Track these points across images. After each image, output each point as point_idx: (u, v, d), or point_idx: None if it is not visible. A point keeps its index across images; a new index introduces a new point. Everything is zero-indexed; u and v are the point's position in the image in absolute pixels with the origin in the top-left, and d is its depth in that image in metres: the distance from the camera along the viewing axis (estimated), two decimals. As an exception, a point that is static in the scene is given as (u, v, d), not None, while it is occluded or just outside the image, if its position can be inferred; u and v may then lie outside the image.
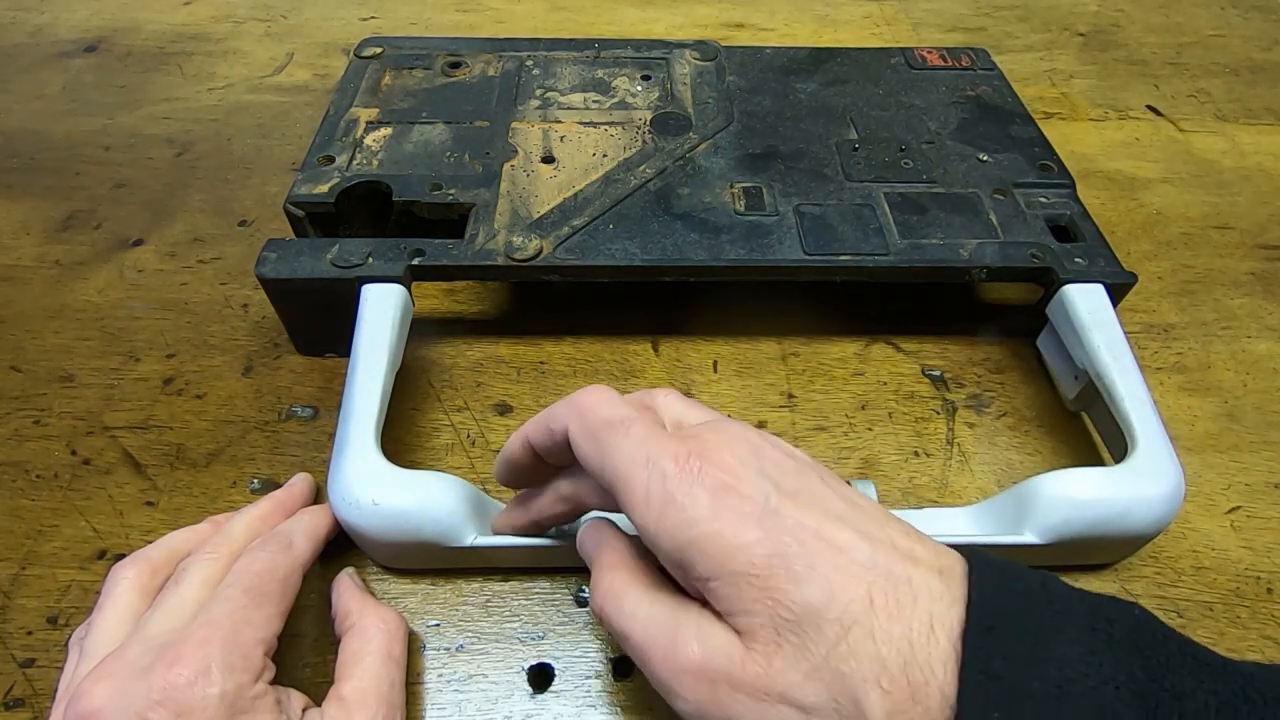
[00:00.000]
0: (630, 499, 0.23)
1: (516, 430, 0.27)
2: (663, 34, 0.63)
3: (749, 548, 0.21)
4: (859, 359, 0.40)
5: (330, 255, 0.36)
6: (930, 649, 0.20)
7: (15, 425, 0.37)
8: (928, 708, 0.19)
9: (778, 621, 0.21)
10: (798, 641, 0.20)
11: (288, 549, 0.28)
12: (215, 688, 0.23)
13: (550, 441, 0.26)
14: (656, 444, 0.23)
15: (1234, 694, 0.19)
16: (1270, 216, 0.49)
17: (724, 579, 0.21)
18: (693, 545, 0.22)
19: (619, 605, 0.24)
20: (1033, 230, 0.39)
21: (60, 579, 0.32)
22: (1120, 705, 0.18)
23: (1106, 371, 0.33)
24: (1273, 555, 0.34)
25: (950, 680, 0.19)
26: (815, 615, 0.20)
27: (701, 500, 0.22)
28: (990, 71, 0.49)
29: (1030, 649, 0.19)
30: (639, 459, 0.23)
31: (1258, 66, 0.62)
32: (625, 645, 0.24)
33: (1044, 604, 0.20)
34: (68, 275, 0.43)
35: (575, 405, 0.25)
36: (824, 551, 0.21)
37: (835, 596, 0.20)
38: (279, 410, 0.37)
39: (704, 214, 0.39)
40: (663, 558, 0.23)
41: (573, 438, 0.25)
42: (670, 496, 0.22)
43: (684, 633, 0.22)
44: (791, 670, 0.20)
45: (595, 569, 0.25)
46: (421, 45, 0.49)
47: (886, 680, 0.19)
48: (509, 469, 0.28)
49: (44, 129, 0.53)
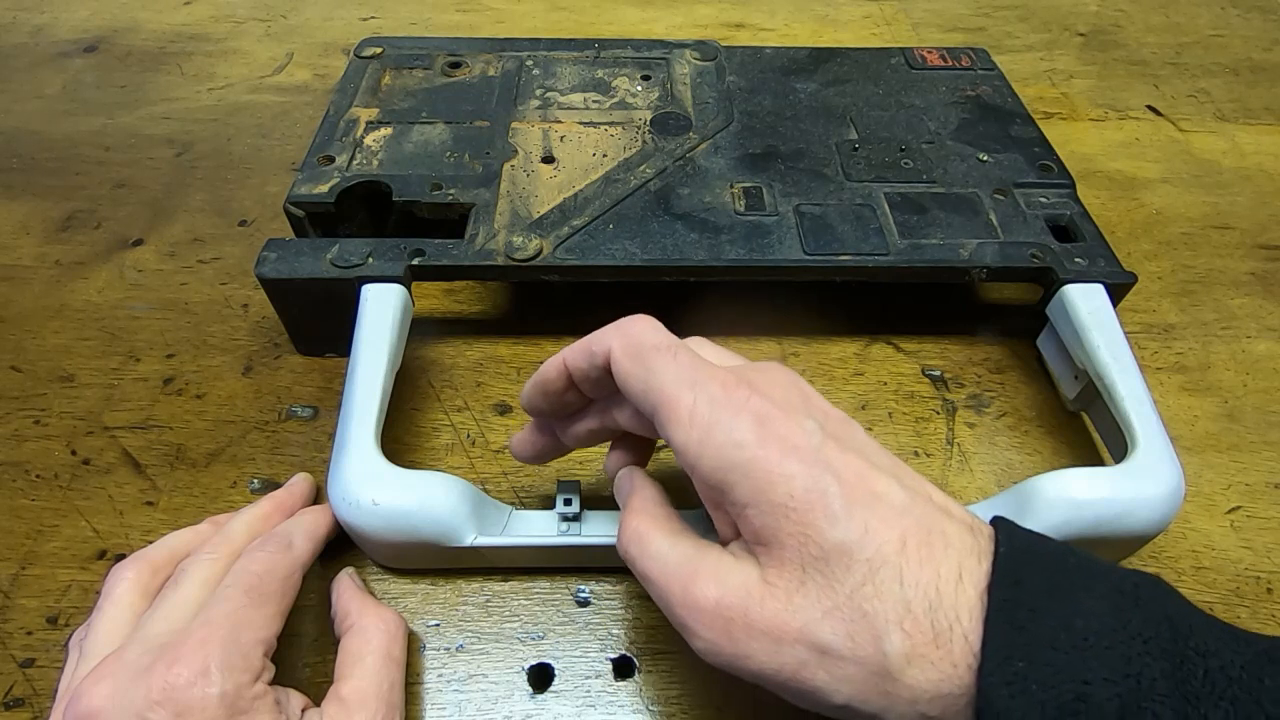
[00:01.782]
0: (674, 418, 0.23)
1: (552, 356, 0.27)
2: (663, 34, 0.63)
3: (790, 479, 0.21)
4: (859, 359, 0.40)
5: (330, 255, 0.36)
6: (958, 596, 0.20)
7: (15, 425, 0.37)
8: (950, 652, 0.19)
9: (806, 557, 0.21)
10: (822, 580, 0.21)
11: (288, 549, 0.28)
12: (215, 688, 0.23)
13: (589, 365, 0.26)
14: (704, 369, 0.24)
15: (1258, 654, 0.19)
16: (1270, 216, 0.49)
17: (760, 507, 0.21)
18: (735, 469, 0.22)
19: (643, 546, 0.24)
20: (1033, 230, 0.39)
21: (60, 579, 0.32)
22: (1148, 659, 0.18)
23: (1106, 371, 0.33)
24: (1273, 555, 0.34)
25: (975, 628, 0.19)
26: (845, 554, 0.20)
27: (747, 426, 0.22)
28: (990, 71, 0.49)
29: (1057, 604, 0.19)
30: (685, 380, 0.23)
31: (1258, 66, 0.62)
32: (647, 585, 0.24)
33: (1072, 566, 0.21)
34: (68, 275, 0.43)
35: (621, 329, 0.25)
36: (862, 494, 0.21)
37: (868, 537, 0.21)
38: (279, 410, 0.37)
39: (704, 214, 0.39)
40: (700, 480, 0.23)
41: (615, 360, 0.25)
42: (716, 419, 0.22)
43: (703, 572, 0.22)
44: (812, 607, 0.20)
45: (624, 513, 0.25)
46: (421, 45, 0.49)
47: (910, 623, 0.20)
48: (540, 393, 0.28)
49: (44, 129, 0.53)
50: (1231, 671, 0.18)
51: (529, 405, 0.29)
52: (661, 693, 0.29)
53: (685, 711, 0.29)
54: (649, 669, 0.30)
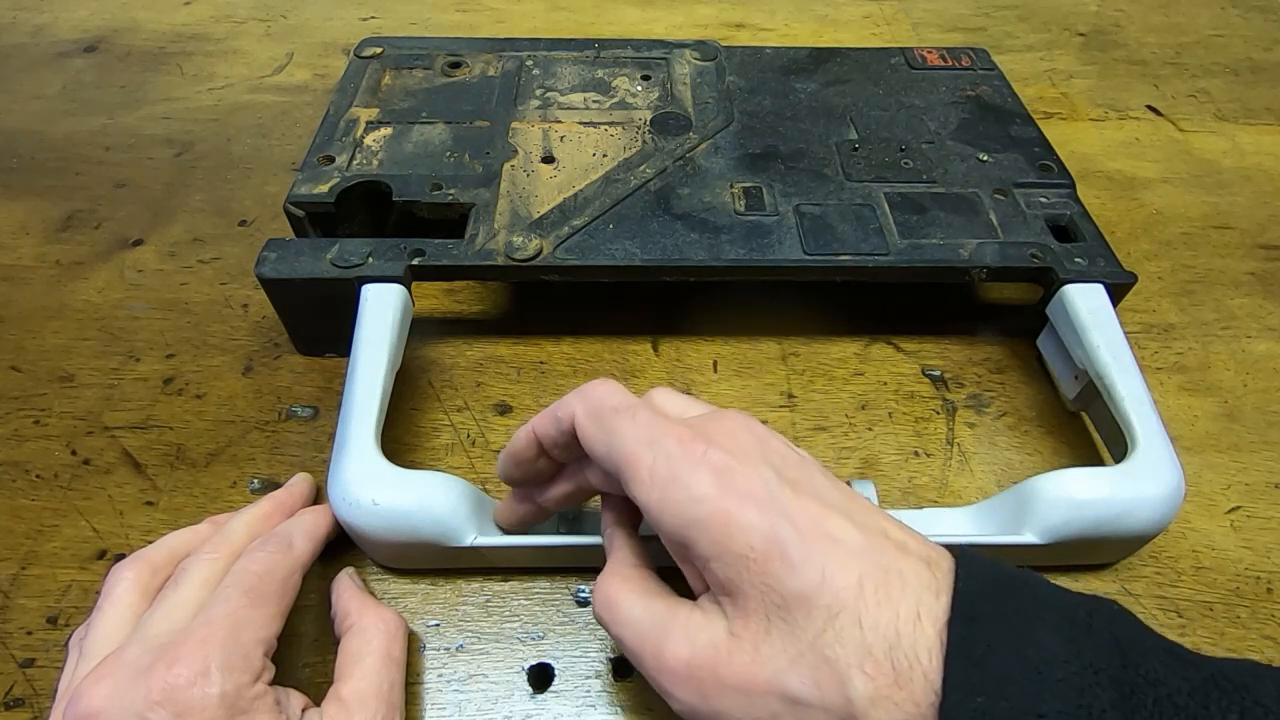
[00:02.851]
0: (635, 478, 0.23)
1: (522, 426, 0.28)
2: (663, 34, 0.63)
3: (748, 530, 0.21)
4: (859, 359, 0.40)
5: (330, 255, 0.36)
6: (916, 636, 0.20)
7: (15, 425, 0.37)
8: (912, 692, 0.20)
9: (769, 606, 0.21)
10: (786, 628, 0.21)
11: (287, 549, 0.28)
12: (215, 688, 0.23)
13: (556, 431, 0.26)
14: (661, 427, 0.24)
15: (1204, 680, 0.19)
16: (1270, 216, 0.49)
17: (723, 559, 0.22)
18: (695, 524, 0.22)
19: (614, 611, 0.24)
20: (1033, 230, 0.39)
21: (60, 579, 0.32)
22: (1098, 689, 0.19)
23: (1106, 371, 0.33)
24: (1273, 555, 0.34)
25: (935, 667, 0.20)
26: (805, 601, 0.21)
27: (705, 480, 0.22)
28: (990, 71, 0.49)
29: (1012, 637, 0.20)
30: (644, 440, 0.24)
31: (1258, 66, 0.62)
32: (622, 648, 0.24)
33: (1026, 596, 0.21)
34: (68, 275, 0.43)
35: (582, 394, 0.26)
36: (819, 539, 0.21)
37: (827, 583, 0.21)
38: (279, 410, 0.37)
39: (704, 214, 0.39)
40: (665, 537, 0.23)
41: (579, 424, 0.25)
42: (674, 475, 0.23)
43: (673, 633, 0.23)
44: (779, 656, 0.21)
45: (599, 577, 0.26)
46: (421, 45, 0.49)
47: (871, 666, 0.20)
48: (514, 463, 0.28)
49: (44, 129, 0.53)
50: (1179, 699, 0.19)
51: (504, 476, 0.29)
52: (661, 693, 0.29)
53: (685, 711, 0.29)
54: (649, 669, 0.30)
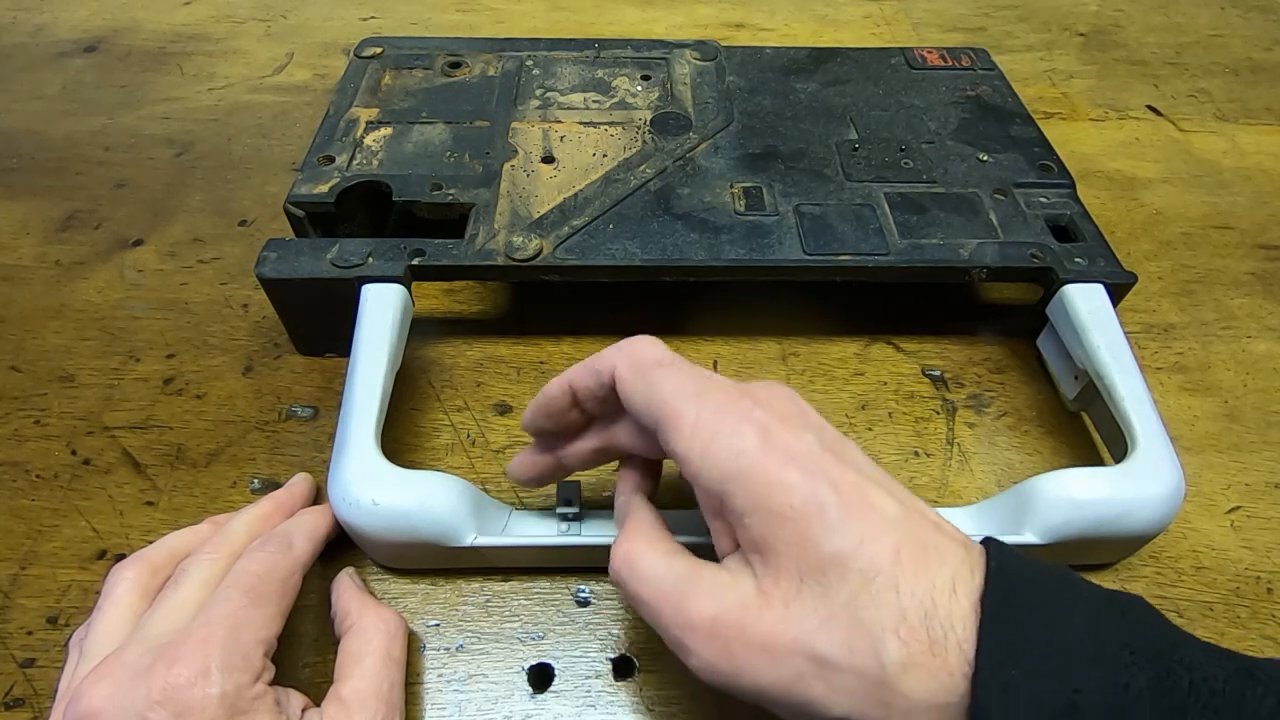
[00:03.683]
0: (676, 430, 0.23)
1: (556, 376, 0.27)
2: (663, 34, 0.63)
3: (789, 489, 0.21)
4: (859, 359, 0.40)
5: (330, 255, 0.36)
6: (952, 606, 0.20)
7: (15, 425, 0.37)
8: (945, 660, 0.19)
9: (803, 567, 0.21)
10: (819, 589, 0.21)
11: (288, 549, 0.28)
12: (215, 688, 0.23)
13: (595, 383, 0.26)
14: (707, 381, 0.24)
15: (1239, 670, 0.19)
16: (1270, 216, 0.49)
17: (759, 515, 0.22)
18: (736, 477, 0.22)
19: (633, 568, 0.24)
20: (1033, 230, 0.39)
21: (60, 579, 0.32)
22: (1134, 669, 0.19)
23: (1106, 371, 0.33)
24: (1273, 555, 0.34)
25: (969, 637, 0.20)
26: (841, 564, 0.21)
27: (749, 436, 0.22)
28: (990, 71, 0.49)
29: (1047, 614, 0.20)
30: (688, 392, 0.24)
31: (1258, 66, 0.62)
32: (639, 607, 0.24)
33: (1059, 581, 0.21)
34: (68, 275, 0.43)
35: (624, 348, 0.26)
36: (859, 506, 0.22)
37: (864, 547, 0.21)
38: (279, 410, 0.37)
39: (704, 214, 0.39)
40: (701, 490, 0.23)
41: (620, 376, 0.25)
42: (718, 429, 0.23)
43: (697, 590, 0.22)
44: (809, 616, 0.21)
45: (617, 538, 0.25)
46: (421, 45, 0.49)
47: (905, 631, 0.20)
48: (544, 413, 0.28)
49: (44, 129, 0.53)
50: (1215, 684, 0.19)
51: (531, 425, 0.29)
52: (661, 693, 0.29)
53: (685, 712, 0.29)
54: (649, 669, 0.30)
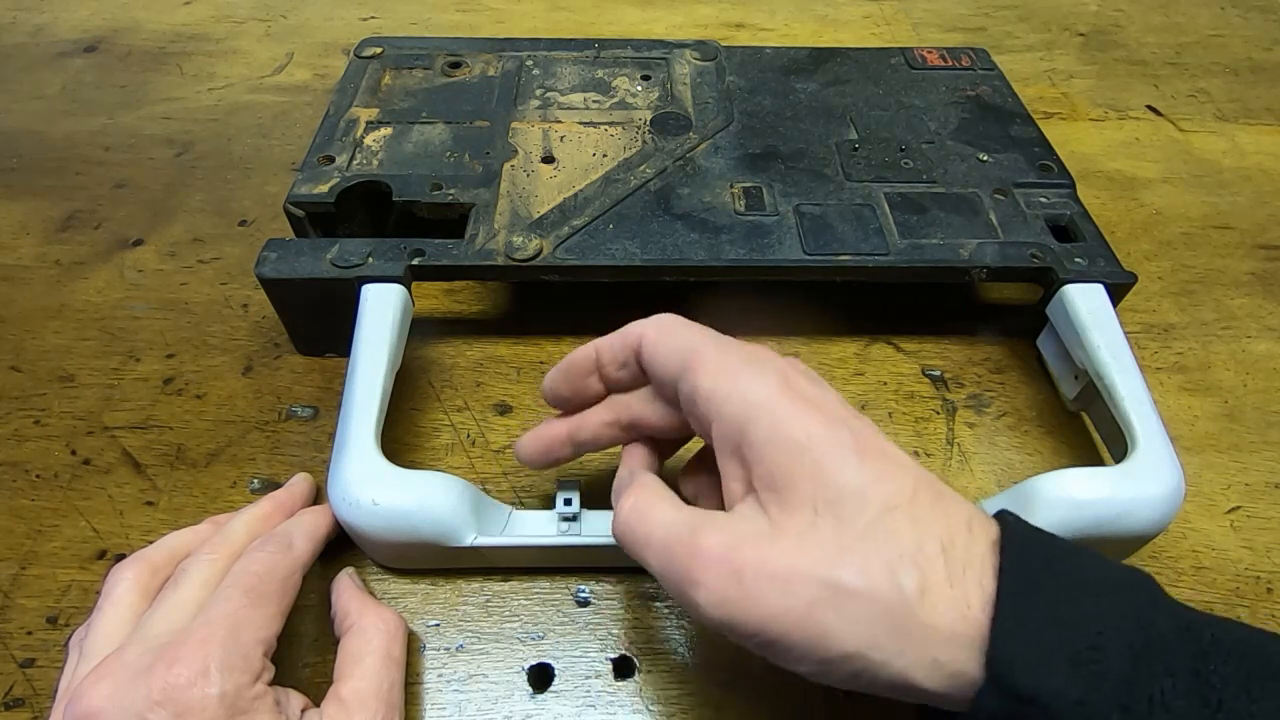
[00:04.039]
0: (703, 367, 0.24)
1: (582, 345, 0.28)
2: (663, 34, 0.63)
3: (809, 423, 0.22)
4: (859, 359, 0.40)
5: (330, 255, 0.36)
6: (970, 544, 0.20)
7: (15, 425, 0.37)
8: (964, 591, 0.20)
9: (819, 499, 0.21)
10: (835, 520, 0.21)
11: (287, 549, 0.28)
12: (214, 688, 0.23)
13: (621, 345, 0.27)
14: (733, 340, 0.25)
15: (1255, 633, 0.19)
16: (1270, 216, 0.49)
17: (778, 445, 0.22)
18: (756, 408, 0.23)
19: (643, 516, 0.24)
20: (1033, 230, 0.39)
21: (60, 579, 0.32)
22: (1158, 615, 0.19)
23: (1106, 371, 0.33)
24: (1273, 555, 0.34)
25: (988, 574, 0.20)
26: (859, 495, 0.21)
27: (771, 378, 0.23)
28: (990, 71, 0.49)
29: (1067, 565, 0.20)
30: (713, 339, 0.25)
31: (1258, 66, 0.62)
32: (648, 551, 0.23)
33: (1072, 548, 0.21)
34: (68, 275, 0.43)
35: (653, 319, 0.27)
36: (876, 450, 0.22)
37: (881, 484, 0.21)
38: (279, 410, 0.37)
39: (704, 214, 0.39)
40: (722, 424, 0.23)
41: (646, 336, 0.26)
42: (740, 368, 0.24)
43: (708, 527, 0.22)
44: (826, 545, 0.21)
45: (623, 495, 0.25)
46: (421, 45, 0.49)
47: (923, 559, 0.20)
48: (565, 377, 0.29)
49: (44, 129, 0.53)
50: (1239, 633, 0.19)
51: (550, 388, 0.29)
52: (661, 693, 0.29)
53: (685, 711, 0.29)
54: (649, 669, 0.30)
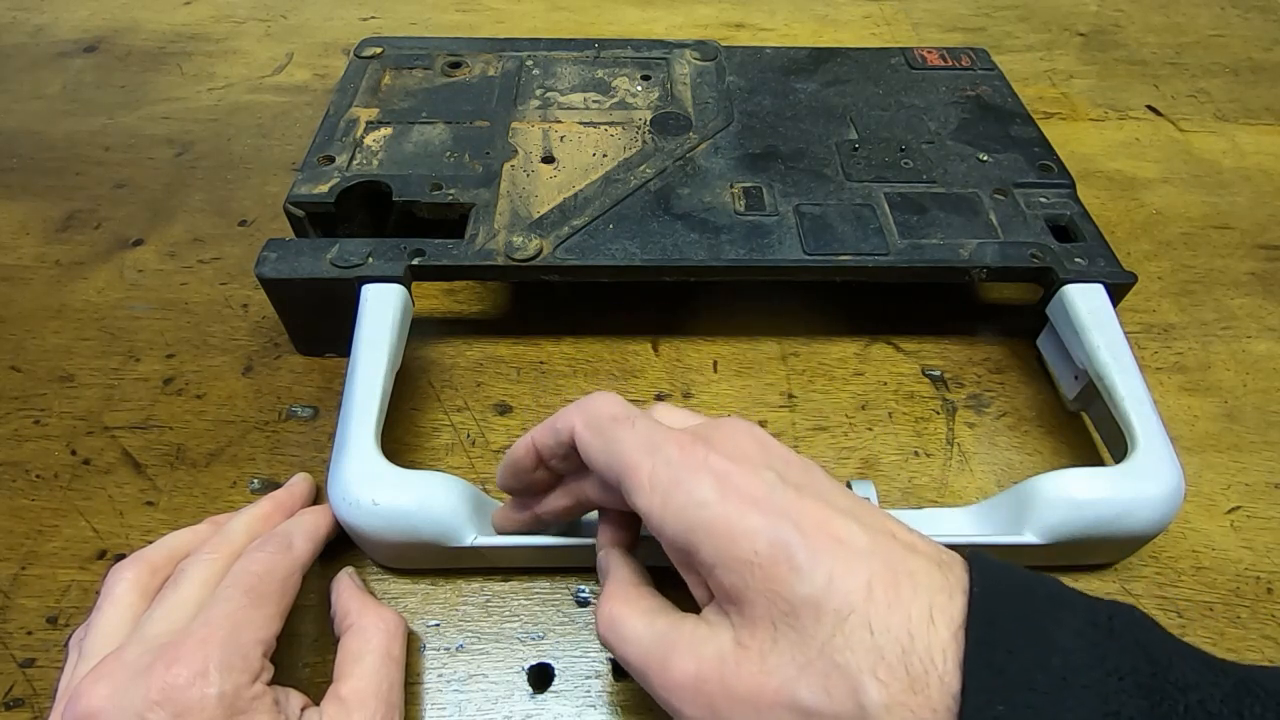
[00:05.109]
0: (636, 485, 0.23)
1: (521, 436, 0.28)
2: (663, 34, 0.63)
3: (752, 535, 0.21)
4: (859, 359, 0.40)
5: (330, 255, 0.36)
6: (930, 639, 0.19)
7: (15, 425, 0.37)
8: (928, 698, 0.19)
9: (775, 613, 0.21)
10: (795, 635, 0.20)
11: (287, 550, 0.28)
12: (213, 688, 0.23)
13: (555, 442, 0.26)
14: (661, 434, 0.24)
15: (1235, 686, 0.18)
16: (1270, 216, 0.49)
17: (727, 565, 0.21)
18: (698, 529, 0.22)
19: (618, 632, 0.24)
20: (1033, 230, 0.39)
21: (60, 579, 0.32)
22: (1124, 696, 0.18)
23: (1106, 371, 0.33)
24: (1273, 555, 0.34)
25: (951, 670, 0.19)
26: (813, 606, 0.20)
27: (706, 485, 0.22)
28: (990, 71, 0.49)
29: (1033, 641, 0.19)
30: (644, 447, 0.23)
31: (1258, 66, 0.62)
32: (628, 668, 0.24)
33: (1043, 598, 0.20)
34: (68, 275, 0.43)
35: (581, 406, 0.26)
36: (825, 542, 0.21)
37: (834, 586, 0.20)
38: (279, 410, 0.37)
39: (704, 214, 0.39)
40: (667, 544, 0.23)
41: (578, 435, 0.25)
42: (675, 481, 0.22)
43: (678, 648, 0.22)
44: (787, 665, 0.20)
45: (600, 599, 0.25)
46: (421, 45, 0.49)
47: (884, 671, 0.19)
48: (512, 473, 0.28)
49: (44, 129, 0.53)
50: (1211, 706, 0.18)
51: (503, 484, 0.29)
52: (661, 693, 0.29)
53: (685, 711, 0.29)
54: (649, 669, 0.30)
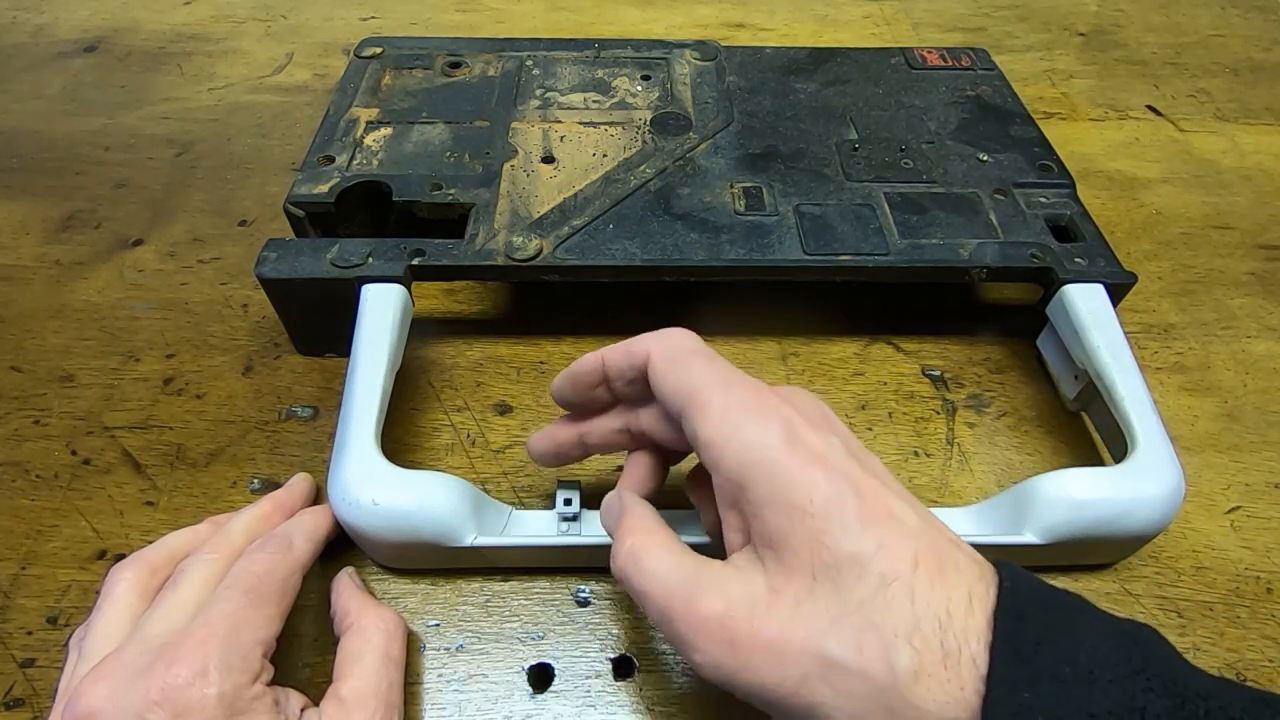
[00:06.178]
0: (705, 414, 0.23)
1: (591, 353, 0.28)
2: (663, 34, 0.63)
3: (811, 484, 0.21)
4: (859, 359, 0.40)
5: (330, 255, 0.36)
6: (968, 620, 0.20)
7: (15, 425, 0.37)
8: (958, 674, 0.19)
9: (817, 564, 0.21)
10: (832, 588, 0.20)
11: (287, 550, 0.28)
12: (213, 688, 0.23)
13: (627, 364, 0.26)
14: (738, 375, 0.24)
15: (1254, 699, 0.19)
16: (1270, 216, 0.49)
17: (778, 507, 0.21)
18: (758, 466, 0.22)
19: (640, 564, 0.23)
20: (1033, 230, 0.39)
21: (60, 579, 0.32)
22: (1151, 695, 0.18)
23: (1106, 371, 0.33)
24: (1273, 555, 0.34)
25: (983, 654, 0.19)
26: (858, 564, 0.20)
27: (775, 430, 0.22)
28: (990, 71, 0.49)
29: (1061, 636, 0.19)
30: (719, 381, 0.24)
31: (1258, 66, 0.62)
32: (645, 602, 0.23)
33: (1071, 606, 0.21)
34: (68, 275, 0.43)
35: (661, 335, 0.26)
36: (879, 512, 0.21)
37: (882, 552, 0.21)
38: (279, 410, 0.37)
39: (704, 214, 0.39)
40: (722, 476, 0.23)
41: (653, 360, 0.25)
42: (745, 417, 0.23)
43: (706, 586, 0.22)
44: (820, 615, 0.20)
45: (617, 534, 0.25)
46: (421, 45, 0.49)
47: (919, 640, 0.19)
48: (571, 384, 0.28)
49: (44, 129, 0.53)
50: (1233, 712, 0.18)
51: (558, 393, 0.29)
52: (661, 693, 0.29)
53: (685, 711, 0.29)
54: (649, 669, 0.30)
